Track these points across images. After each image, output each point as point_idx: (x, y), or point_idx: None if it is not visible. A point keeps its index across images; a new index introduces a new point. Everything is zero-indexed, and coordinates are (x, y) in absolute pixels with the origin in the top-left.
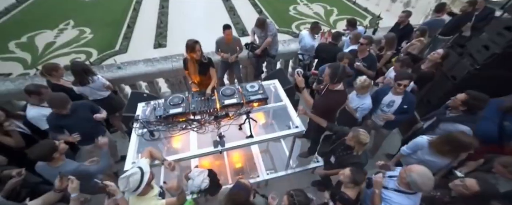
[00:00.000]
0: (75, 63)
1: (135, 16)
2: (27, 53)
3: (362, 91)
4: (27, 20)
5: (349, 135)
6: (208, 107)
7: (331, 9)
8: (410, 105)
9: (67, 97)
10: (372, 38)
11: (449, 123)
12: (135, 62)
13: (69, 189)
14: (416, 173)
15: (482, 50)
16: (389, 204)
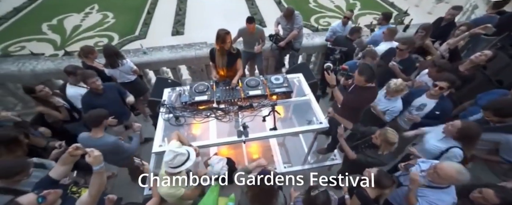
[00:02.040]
0: (108, 47)
1: (155, 2)
2: (57, 35)
3: (395, 95)
4: (58, 3)
5: (376, 133)
6: (232, 96)
7: (353, 3)
8: (443, 112)
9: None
10: (413, 42)
11: (497, 133)
12: (160, 48)
13: (88, 160)
14: (450, 165)
15: None
16: (427, 202)
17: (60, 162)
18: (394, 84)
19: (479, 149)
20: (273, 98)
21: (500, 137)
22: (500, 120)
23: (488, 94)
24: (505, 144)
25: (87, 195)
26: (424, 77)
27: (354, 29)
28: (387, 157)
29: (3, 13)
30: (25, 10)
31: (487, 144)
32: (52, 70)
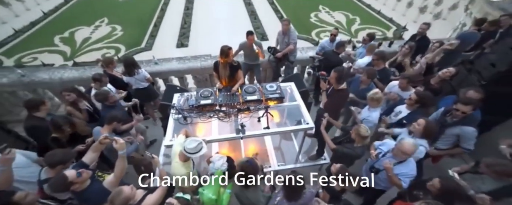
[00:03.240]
0: (127, 58)
1: (162, 16)
2: (68, 47)
3: (373, 104)
4: (71, 17)
5: (353, 129)
6: (232, 101)
7: (353, 18)
8: (410, 121)
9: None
10: (383, 53)
11: (456, 127)
12: (169, 60)
13: (116, 146)
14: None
15: (489, 68)
16: (404, 176)
17: (91, 149)
18: (371, 92)
19: (444, 144)
20: (267, 103)
21: (458, 130)
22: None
23: (444, 99)
24: (462, 135)
25: (112, 176)
26: (394, 88)
27: (339, 43)
28: (360, 149)
29: (20, 26)
30: (41, 24)
31: (450, 138)
32: (77, 77)
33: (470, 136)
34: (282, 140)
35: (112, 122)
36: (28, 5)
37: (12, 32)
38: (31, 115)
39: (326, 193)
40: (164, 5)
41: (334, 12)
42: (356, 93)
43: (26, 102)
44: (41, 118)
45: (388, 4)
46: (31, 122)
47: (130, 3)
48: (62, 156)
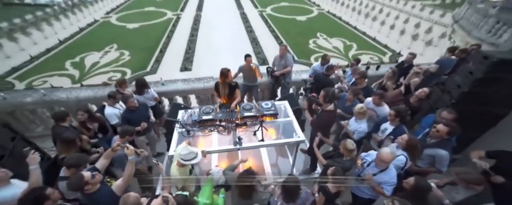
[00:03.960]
0: (140, 79)
1: (168, 42)
2: (77, 70)
3: (360, 117)
4: (83, 44)
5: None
6: (231, 116)
7: (350, 44)
8: (396, 136)
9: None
10: (365, 73)
11: (433, 149)
12: (175, 81)
13: (127, 152)
14: (384, 150)
15: (456, 88)
16: (387, 184)
17: (103, 156)
18: (357, 107)
19: (422, 163)
20: (263, 118)
21: (434, 152)
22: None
23: (426, 117)
24: (438, 157)
25: (120, 180)
26: (369, 104)
27: (328, 67)
28: (349, 162)
29: (36, 53)
30: (55, 50)
31: (427, 158)
32: (91, 96)
33: (444, 159)
34: (278, 156)
35: (125, 136)
36: (46, 34)
37: (28, 58)
38: (57, 124)
39: (322, 196)
40: (171, 32)
41: (331, 39)
42: (343, 109)
43: (54, 114)
44: (66, 127)
45: (382, 31)
46: (58, 130)
47: (139, 31)
48: (77, 159)
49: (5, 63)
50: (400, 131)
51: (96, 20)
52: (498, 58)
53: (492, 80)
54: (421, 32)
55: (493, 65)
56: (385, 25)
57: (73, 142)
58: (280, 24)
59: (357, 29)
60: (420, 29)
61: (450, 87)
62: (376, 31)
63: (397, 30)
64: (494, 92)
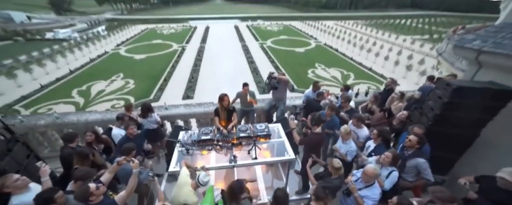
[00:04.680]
0: (146, 104)
1: (172, 72)
2: (82, 98)
3: (346, 137)
4: (92, 73)
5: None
6: (228, 137)
7: (348, 74)
8: (377, 154)
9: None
10: (349, 97)
11: (412, 159)
12: (177, 106)
13: (132, 165)
14: (370, 167)
15: (431, 112)
16: (368, 198)
17: (108, 171)
18: (343, 128)
19: (410, 177)
20: (258, 139)
21: (415, 162)
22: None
23: (402, 136)
24: (419, 166)
25: (124, 192)
26: (351, 126)
27: (319, 93)
28: (338, 180)
29: (46, 82)
30: (65, 79)
31: (412, 170)
32: (99, 119)
33: (424, 166)
34: (272, 177)
35: (125, 153)
36: (59, 65)
37: (39, 87)
38: (66, 145)
39: None
40: (175, 63)
41: (329, 69)
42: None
43: (64, 135)
44: (74, 147)
45: (377, 62)
46: (66, 151)
47: (145, 61)
48: (85, 173)
49: (16, 92)
50: (380, 149)
51: (106, 52)
52: (456, 85)
53: (457, 104)
54: (415, 63)
55: (453, 91)
56: (379, 57)
57: (87, 157)
58: (280, 55)
59: (353, 60)
60: (413, 60)
61: (426, 111)
62: (371, 62)
63: (391, 61)
64: (461, 115)
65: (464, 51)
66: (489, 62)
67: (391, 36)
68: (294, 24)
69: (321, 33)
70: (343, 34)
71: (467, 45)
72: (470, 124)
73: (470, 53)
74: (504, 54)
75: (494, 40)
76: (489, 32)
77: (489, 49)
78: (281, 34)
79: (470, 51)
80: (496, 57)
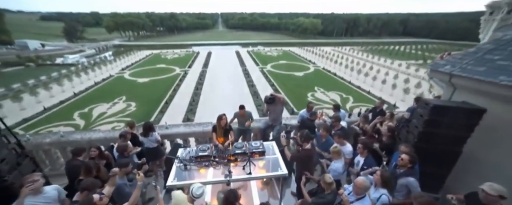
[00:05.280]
0: (147, 123)
1: (173, 95)
2: (83, 120)
3: (335, 156)
4: (95, 96)
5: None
6: (224, 153)
7: (347, 97)
8: (369, 166)
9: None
10: (339, 117)
11: (403, 178)
12: (177, 125)
13: (137, 178)
14: (360, 179)
15: (415, 129)
16: None
17: (108, 184)
18: (332, 147)
19: (401, 195)
20: (252, 155)
21: (406, 181)
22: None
23: (395, 154)
24: (409, 185)
25: (127, 202)
26: (347, 148)
27: (312, 113)
28: (331, 196)
29: (50, 105)
30: (68, 102)
31: (402, 189)
32: (102, 137)
33: (415, 185)
34: (268, 195)
35: (121, 168)
36: (65, 88)
37: (42, 110)
38: (74, 158)
39: None
40: (177, 86)
41: (328, 92)
42: (320, 146)
43: (74, 149)
44: (81, 161)
45: (375, 86)
46: (74, 163)
47: (148, 84)
48: (90, 183)
49: (19, 115)
50: (369, 161)
51: (111, 75)
52: (433, 104)
53: (436, 122)
54: (412, 86)
55: (431, 110)
56: (377, 80)
57: (91, 170)
58: (280, 79)
59: (351, 84)
60: (410, 84)
61: (412, 129)
62: (369, 85)
63: (388, 85)
64: (442, 132)
65: (438, 74)
66: (460, 84)
67: (386, 61)
68: (293, 50)
69: (319, 58)
70: (340, 59)
71: (440, 69)
72: (451, 141)
73: (443, 76)
74: (469, 77)
75: (460, 65)
76: (456, 59)
77: (457, 73)
78: (280, 59)
79: (443, 74)
80: (464, 80)
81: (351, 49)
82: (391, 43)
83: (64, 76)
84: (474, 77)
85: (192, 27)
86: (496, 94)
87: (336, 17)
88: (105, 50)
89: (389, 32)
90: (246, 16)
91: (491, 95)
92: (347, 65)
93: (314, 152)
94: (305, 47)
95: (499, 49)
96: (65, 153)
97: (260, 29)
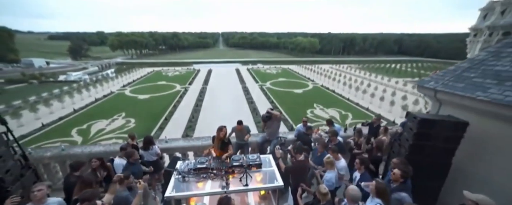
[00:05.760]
0: (148, 137)
1: (173, 111)
2: (80, 137)
3: (328, 166)
4: (95, 112)
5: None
6: (222, 166)
7: (346, 114)
8: (364, 180)
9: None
10: (336, 132)
11: (395, 192)
12: (177, 139)
13: (138, 187)
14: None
15: (406, 142)
16: None
17: (108, 192)
18: (326, 157)
19: None
20: (249, 168)
21: (398, 196)
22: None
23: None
24: (403, 200)
25: None
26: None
27: (307, 127)
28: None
29: (49, 121)
30: (67, 118)
31: (395, 203)
32: (102, 151)
33: (407, 200)
34: None
35: (128, 178)
36: (65, 105)
37: (40, 126)
38: (71, 173)
39: None
40: (177, 102)
41: (328, 109)
42: (314, 160)
43: (72, 163)
44: (78, 176)
45: (374, 102)
46: (71, 179)
47: (148, 100)
48: (90, 194)
49: (16, 131)
50: (366, 176)
51: (112, 92)
52: (420, 118)
53: (425, 134)
54: (410, 103)
55: (419, 123)
56: (375, 97)
57: (90, 184)
58: (279, 96)
59: (350, 101)
60: (408, 101)
61: (403, 142)
62: (368, 102)
63: (387, 102)
64: (431, 144)
65: (424, 90)
66: (445, 99)
67: (384, 79)
68: (292, 68)
69: (318, 75)
70: (338, 76)
71: (425, 85)
72: (440, 153)
73: (429, 91)
74: (451, 92)
75: (443, 82)
76: (439, 76)
77: (440, 89)
78: (279, 76)
79: (429, 90)
80: (447, 95)
81: (348, 67)
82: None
83: (66, 92)
84: (456, 92)
85: (194, 46)
86: (475, 108)
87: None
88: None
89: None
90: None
91: (471, 109)
92: (345, 82)
93: (307, 163)
94: (304, 65)
95: (473, 68)
96: (64, 167)
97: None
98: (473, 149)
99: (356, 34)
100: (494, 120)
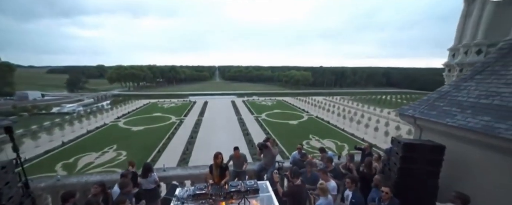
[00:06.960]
0: (147, 164)
1: (167, 143)
2: (65, 172)
3: (321, 193)
4: (85, 145)
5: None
6: (220, 191)
7: (342, 145)
8: (357, 199)
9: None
10: (331, 158)
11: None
12: (175, 168)
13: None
14: None
15: (394, 165)
16: None
17: None
18: (319, 184)
19: None
20: (247, 193)
21: None
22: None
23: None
24: None
25: None
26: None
27: (302, 154)
28: None
29: (32, 155)
30: (53, 152)
31: None
32: (98, 180)
33: None
34: None
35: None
36: (53, 138)
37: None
38: None
39: None
40: (172, 134)
41: (323, 140)
42: (305, 181)
43: (63, 194)
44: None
45: (368, 133)
46: None
47: (142, 132)
48: None
49: None
50: (357, 195)
51: (105, 124)
52: (404, 142)
53: (409, 158)
54: (403, 133)
55: (403, 147)
56: (369, 128)
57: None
58: (274, 128)
59: (345, 131)
60: (402, 131)
61: (392, 166)
62: (363, 132)
63: (381, 132)
64: (417, 167)
65: (405, 117)
66: (423, 125)
67: (376, 109)
68: (286, 99)
69: (312, 107)
70: (332, 107)
71: (405, 112)
72: (426, 175)
73: (409, 118)
74: (426, 119)
75: (419, 110)
76: (416, 105)
77: (418, 116)
78: (274, 108)
79: (409, 117)
80: (424, 121)
81: (341, 98)
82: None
83: (56, 125)
84: (430, 119)
85: (190, 79)
86: (449, 133)
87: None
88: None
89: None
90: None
91: (446, 133)
92: (339, 113)
93: (304, 187)
94: (298, 97)
95: (441, 98)
96: (57, 199)
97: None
98: (454, 172)
99: (346, 68)
100: (467, 144)
